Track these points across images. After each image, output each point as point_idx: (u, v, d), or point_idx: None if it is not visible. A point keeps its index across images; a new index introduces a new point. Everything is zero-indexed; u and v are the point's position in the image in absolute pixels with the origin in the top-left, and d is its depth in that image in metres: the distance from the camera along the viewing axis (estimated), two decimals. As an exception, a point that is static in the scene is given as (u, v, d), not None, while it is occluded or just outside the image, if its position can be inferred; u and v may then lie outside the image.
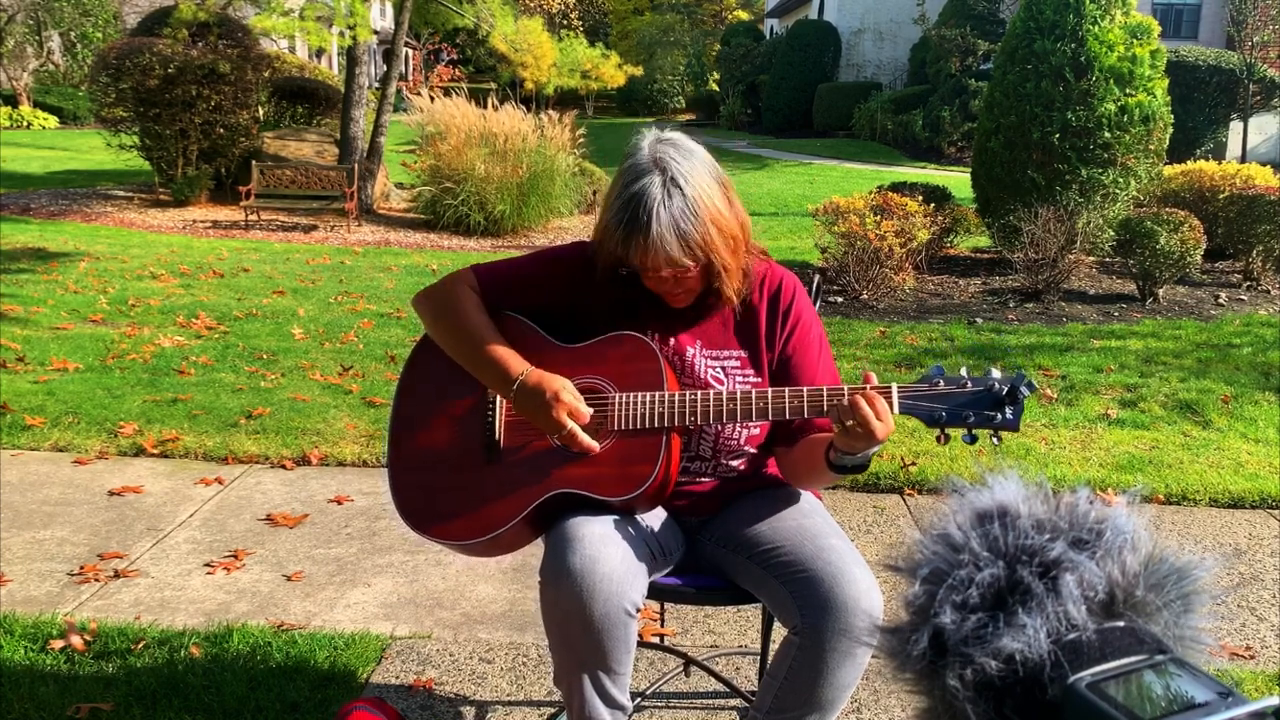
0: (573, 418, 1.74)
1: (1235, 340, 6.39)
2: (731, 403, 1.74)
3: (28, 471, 3.79)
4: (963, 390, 1.68)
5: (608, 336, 1.84)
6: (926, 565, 0.91)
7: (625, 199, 1.71)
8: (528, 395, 1.76)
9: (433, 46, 42.57)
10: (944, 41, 20.72)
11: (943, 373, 1.70)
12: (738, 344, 1.89)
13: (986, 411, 1.66)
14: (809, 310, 1.93)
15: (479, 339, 1.83)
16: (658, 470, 1.73)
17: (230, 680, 2.41)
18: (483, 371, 1.83)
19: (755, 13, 40.03)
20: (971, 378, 1.69)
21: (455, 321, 1.86)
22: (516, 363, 1.80)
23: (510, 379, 1.78)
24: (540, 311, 1.90)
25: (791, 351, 1.89)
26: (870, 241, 7.32)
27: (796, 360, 1.89)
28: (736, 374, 1.87)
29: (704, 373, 1.86)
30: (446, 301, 1.88)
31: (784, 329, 1.89)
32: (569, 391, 1.76)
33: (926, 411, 1.68)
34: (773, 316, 1.89)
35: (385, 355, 5.60)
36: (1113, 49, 8.19)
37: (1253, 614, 2.93)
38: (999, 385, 1.66)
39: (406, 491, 1.86)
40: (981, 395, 1.67)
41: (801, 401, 1.72)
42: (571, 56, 13.89)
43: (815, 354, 1.90)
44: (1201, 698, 0.78)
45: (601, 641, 1.65)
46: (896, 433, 4.40)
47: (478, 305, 1.88)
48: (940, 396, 1.68)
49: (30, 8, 24.31)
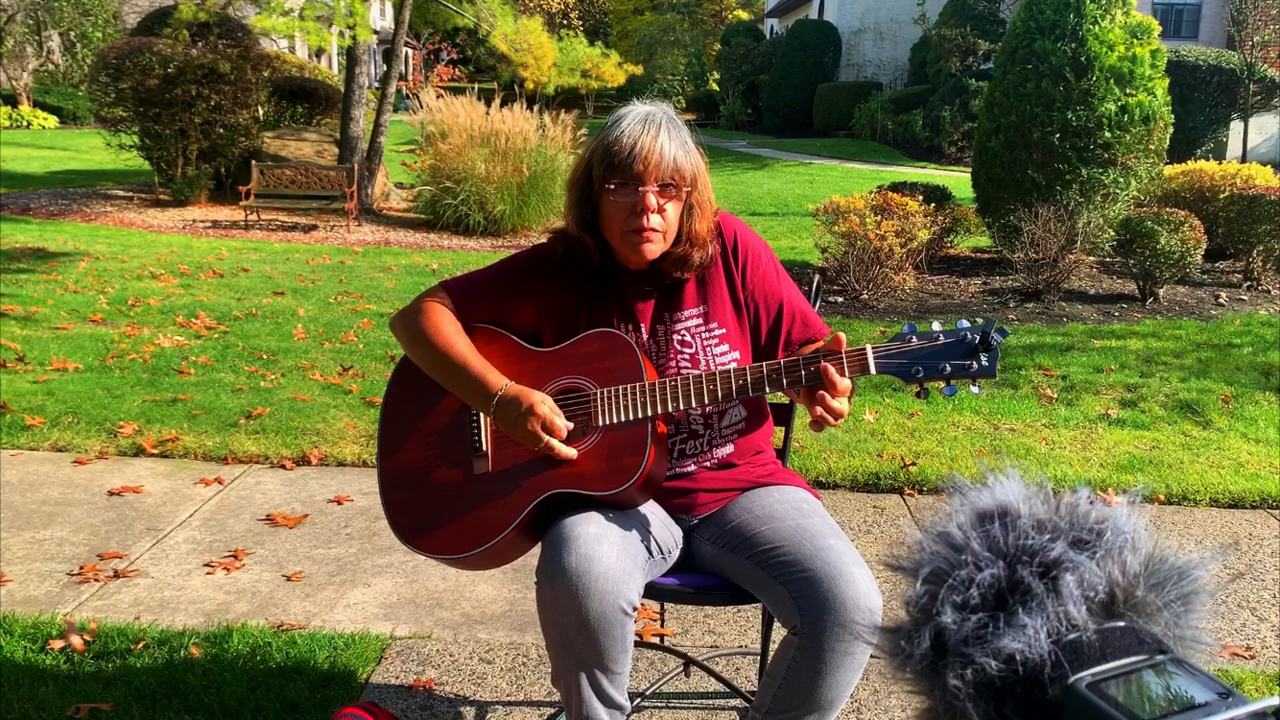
0: (548, 431, 1.75)
1: (1235, 340, 6.39)
2: (711, 383, 1.76)
3: (28, 471, 3.79)
4: (936, 344, 1.69)
5: (582, 336, 1.86)
6: (927, 565, 0.91)
7: (623, 119, 1.83)
8: (506, 409, 1.78)
9: (433, 46, 42.59)
10: (944, 41, 20.73)
11: (915, 329, 1.72)
12: (697, 301, 1.92)
13: (962, 361, 1.67)
14: (754, 239, 1.99)
15: (455, 357, 1.84)
16: (646, 460, 1.74)
17: (230, 680, 2.41)
18: (461, 389, 1.85)
19: (755, 12, 40.03)
20: (944, 330, 1.70)
21: (430, 342, 1.87)
22: (495, 378, 1.81)
23: (490, 394, 1.80)
24: (514, 317, 1.93)
25: (753, 286, 1.95)
26: (870, 241, 7.32)
27: (762, 291, 1.95)
28: (701, 331, 1.91)
29: (670, 337, 1.90)
30: (420, 322, 1.89)
31: (738, 265, 1.94)
32: (545, 404, 1.77)
33: (903, 368, 1.70)
34: (726, 262, 1.94)
35: (385, 355, 5.60)
36: (1113, 49, 8.19)
37: (1253, 614, 2.93)
38: (971, 334, 1.68)
39: (398, 509, 1.87)
40: (954, 346, 1.68)
41: (778, 371, 1.75)
42: (571, 56, 13.89)
43: (775, 279, 1.97)
44: (1201, 698, 0.78)
45: (598, 641, 1.65)
46: (897, 433, 4.41)
47: (452, 322, 1.89)
48: (914, 352, 1.69)
49: (30, 8, 24.31)
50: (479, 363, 1.83)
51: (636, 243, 1.82)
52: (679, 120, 1.87)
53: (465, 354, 1.84)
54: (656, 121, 1.81)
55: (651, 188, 1.79)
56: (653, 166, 1.78)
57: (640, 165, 1.78)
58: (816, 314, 2.02)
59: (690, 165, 1.82)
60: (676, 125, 1.85)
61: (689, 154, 1.83)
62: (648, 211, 1.79)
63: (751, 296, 1.94)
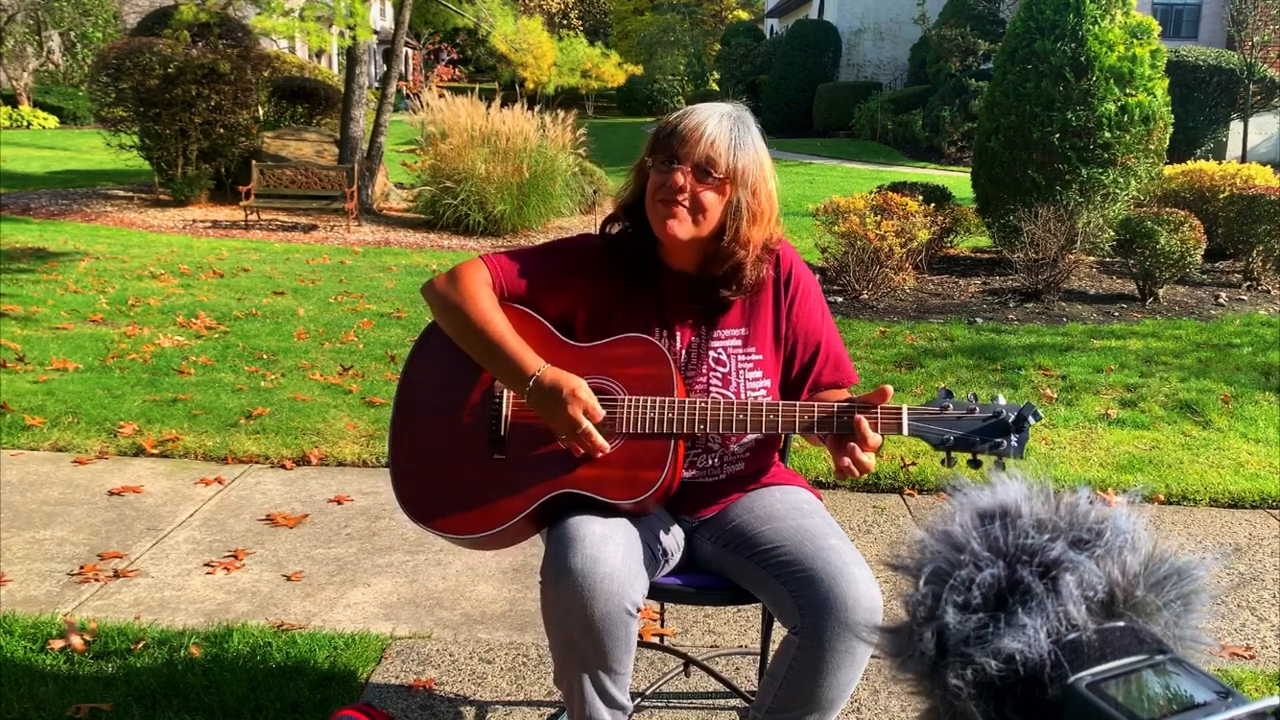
0: (588, 416, 1.73)
1: (1235, 340, 6.39)
2: (742, 413, 1.75)
3: (28, 471, 3.79)
4: (970, 415, 1.70)
5: (619, 338, 1.83)
6: (928, 565, 0.91)
7: (696, 109, 1.83)
8: (544, 392, 1.75)
9: (433, 46, 42.59)
10: (944, 41, 20.73)
11: (951, 397, 1.73)
12: (740, 322, 1.91)
13: (994, 439, 1.69)
14: (807, 275, 1.97)
15: (492, 332, 1.80)
16: (664, 476, 1.73)
17: (230, 680, 2.41)
18: (495, 365, 1.81)
19: (755, 13, 40.02)
20: (979, 405, 1.71)
21: (466, 312, 1.82)
22: (532, 359, 1.77)
23: (525, 375, 1.76)
24: (549, 302, 1.89)
25: (797, 320, 1.93)
26: (870, 241, 7.32)
27: (803, 328, 1.93)
28: (739, 353, 1.89)
29: (705, 352, 1.88)
30: (458, 291, 1.85)
31: (787, 297, 1.93)
32: (585, 390, 1.74)
33: (935, 435, 1.71)
34: (776, 290, 1.93)
35: (385, 355, 5.59)
36: (1113, 49, 8.19)
37: (1253, 614, 2.93)
38: (1006, 413, 1.69)
39: (408, 481, 1.84)
40: (990, 422, 1.70)
41: (812, 416, 1.74)
42: (571, 56, 13.88)
43: (819, 319, 1.95)
44: (1201, 698, 0.78)
45: (602, 641, 1.65)
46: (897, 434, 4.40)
47: (490, 297, 1.85)
48: (949, 421, 1.71)
49: (30, 8, 24.31)
50: (516, 341, 1.79)
51: (663, 214, 1.80)
52: (753, 126, 1.85)
53: (502, 329, 1.80)
54: (721, 112, 1.81)
55: (685, 166, 1.78)
56: (691, 146, 1.77)
57: (679, 144, 1.78)
58: (849, 360, 2.00)
59: (740, 162, 1.79)
60: (744, 125, 1.83)
61: (744, 151, 1.80)
62: (675, 187, 1.78)
63: (793, 330, 1.92)
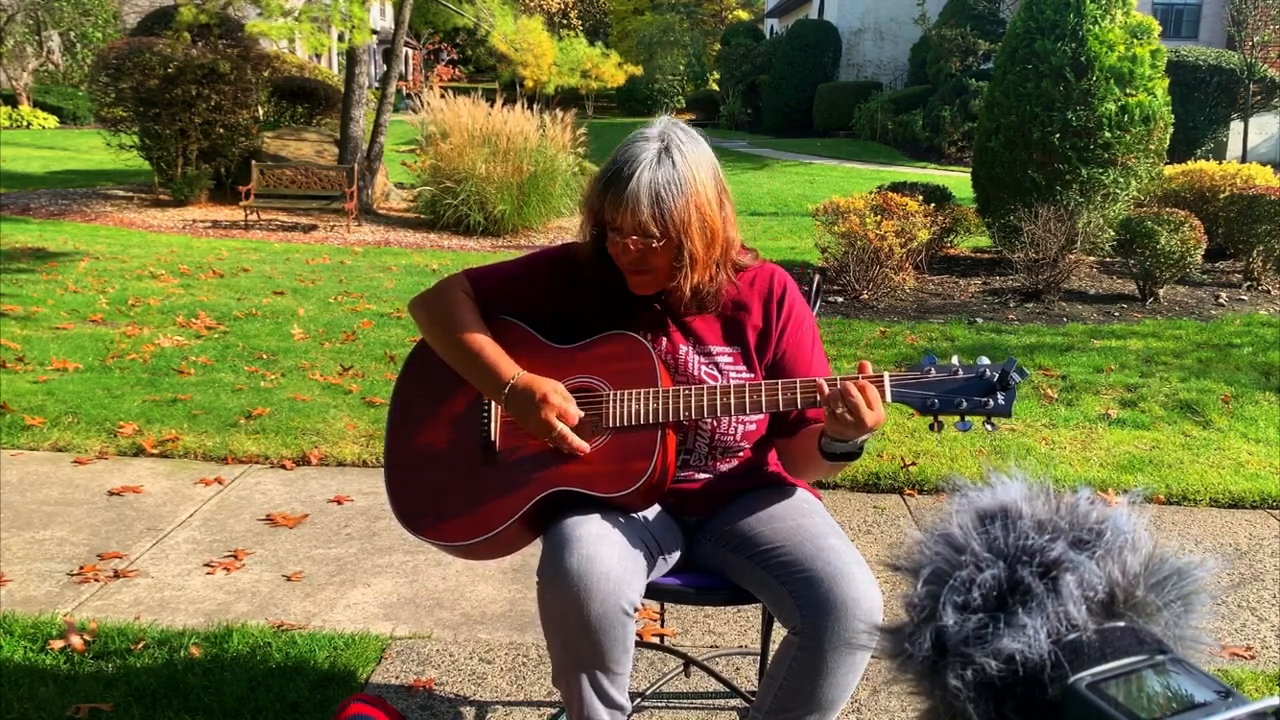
0: (562, 419, 1.75)
1: (1235, 340, 6.39)
2: (725, 396, 1.75)
3: (28, 471, 3.79)
4: (954, 378, 1.69)
5: (601, 336, 1.86)
6: (928, 565, 0.91)
7: (617, 156, 1.76)
8: (518, 398, 1.78)
9: (433, 46, 42.59)
10: (944, 41, 20.73)
11: (934, 361, 1.72)
12: (727, 342, 1.90)
13: (979, 397, 1.68)
14: (800, 303, 1.95)
15: (471, 343, 1.84)
16: (653, 465, 1.74)
17: (230, 680, 2.41)
18: (473, 375, 1.85)
19: (755, 12, 40.02)
20: (962, 365, 1.70)
21: (448, 326, 1.87)
22: (508, 366, 1.81)
23: (501, 383, 1.80)
24: (534, 313, 1.92)
25: (786, 346, 1.91)
26: (870, 241, 7.32)
27: (791, 355, 1.91)
28: (730, 370, 1.88)
29: (697, 369, 1.87)
30: (440, 306, 1.90)
31: (779, 324, 1.91)
32: (558, 394, 1.77)
33: (919, 399, 1.70)
34: (766, 314, 1.91)
35: (385, 355, 5.59)
36: (1113, 49, 8.19)
37: (1253, 614, 2.93)
38: (990, 372, 1.69)
39: (403, 492, 1.87)
40: (973, 382, 1.68)
41: (795, 393, 1.73)
42: (571, 56, 13.88)
43: (809, 347, 1.93)
44: (1201, 698, 0.78)
45: (599, 641, 1.65)
46: (897, 433, 4.40)
47: (471, 309, 1.89)
48: (932, 384, 1.70)
49: (30, 8, 24.30)
50: (494, 351, 1.83)
51: (630, 279, 1.83)
52: (685, 148, 1.76)
53: (481, 341, 1.84)
54: (645, 160, 1.72)
55: (629, 239, 1.76)
56: (624, 218, 1.74)
57: (615, 216, 1.75)
58: None
59: (672, 215, 1.72)
60: (671, 161, 1.74)
61: (674, 198, 1.72)
62: (631, 256, 1.78)
63: (782, 357, 1.91)
